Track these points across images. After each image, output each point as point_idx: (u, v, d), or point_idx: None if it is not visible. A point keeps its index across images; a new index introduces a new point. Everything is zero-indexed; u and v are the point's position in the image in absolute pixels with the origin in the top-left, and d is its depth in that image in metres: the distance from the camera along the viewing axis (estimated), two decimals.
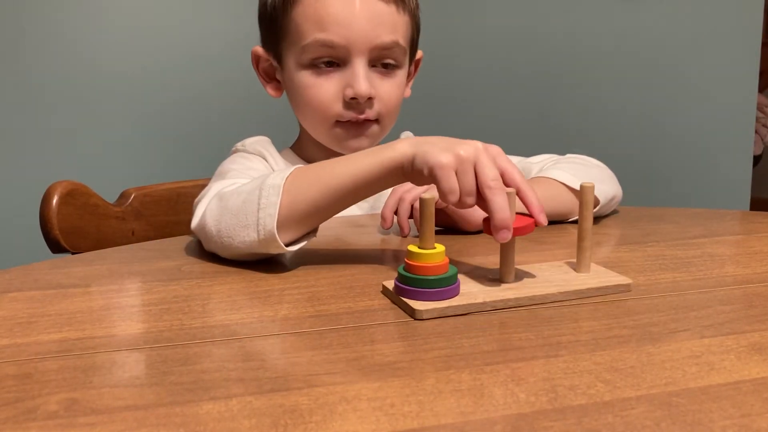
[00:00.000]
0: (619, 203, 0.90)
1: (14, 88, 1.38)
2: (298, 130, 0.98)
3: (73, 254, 0.83)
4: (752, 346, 0.46)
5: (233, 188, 0.68)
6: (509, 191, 0.56)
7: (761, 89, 2.17)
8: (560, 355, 0.45)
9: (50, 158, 1.41)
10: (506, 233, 0.55)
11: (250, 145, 0.91)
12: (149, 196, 0.96)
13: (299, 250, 0.66)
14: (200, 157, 1.41)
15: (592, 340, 0.47)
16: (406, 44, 0.89)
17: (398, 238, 0.77)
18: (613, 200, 0.87)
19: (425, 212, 0.54)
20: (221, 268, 0.66)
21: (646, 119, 1.81)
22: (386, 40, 0.85)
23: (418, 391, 0.40)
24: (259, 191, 0.63)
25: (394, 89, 0.89)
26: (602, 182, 0.84)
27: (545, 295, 0.55)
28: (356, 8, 0.83)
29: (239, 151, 0.92)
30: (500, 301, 0.54)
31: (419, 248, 0.54)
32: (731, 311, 0.53)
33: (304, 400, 0.39)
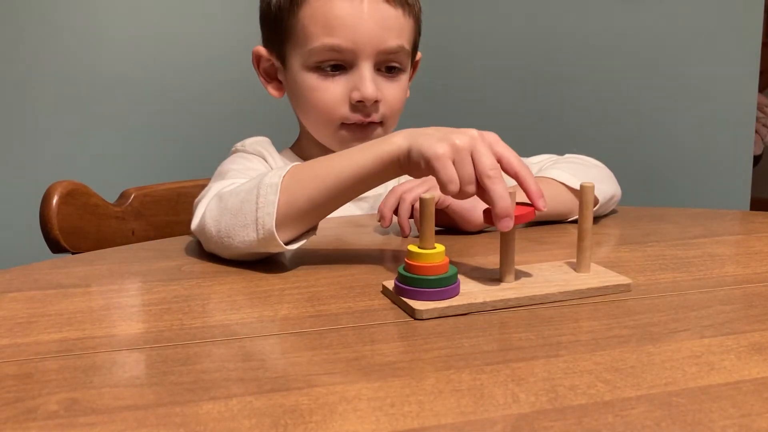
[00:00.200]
0: (618, 203, 0.90)
1: (14, 88, 1.38)
2: (297, 130, 0.98)
3: (73, 254, 0.83)
4: (752, 346, 0.46)
5: (232, 188, 0.68)
6: (510, 192, 0.56)
7: (761, 89, 2.17)
8: (560, 355, 0.45)
9: (50, 158, 1.41)
10: (508, 221, 0.55)
11: (249, 145, 0.91)
12: (149, 196, 0.97)
13: (299, 249, 0.66)
14: (200, 157, 1.40)
15: (592, 340, 0.47)
16: (409, 48, 0.89)
17: (398, 238, 0.77)
18: (612, 200, 0.87)
19: (425, 212, 0.54)
20: (221, 268, 0.66)
21: (646, 119, 1.81)
22: (392, 44, 0.85)
23: (418, 391, 0.40)
24: (257, 190, 0.63)
25: (398, 92, 0.89)
26: (601, 182, 0.84)
27: (545, 295, 0.55)
28: (364, 12, 0.83)
29: (239, 151, 0.92)
30: (500, 301, 0.54)
31: (419, 248, 0.54)
32: (731, 311, 0.53)
33: (304, 400, 0.39)
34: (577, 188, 0.66)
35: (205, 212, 0.68)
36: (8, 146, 1.39)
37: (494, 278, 0.58)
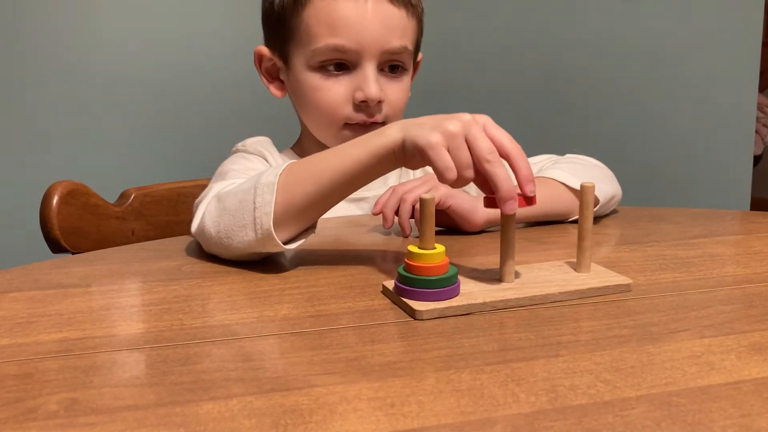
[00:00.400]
0: (618, 203, 0.90)
1: (14, 88, 1.38)
2: (299, 130, 0.98)
3: (73, 254, 0.83)
4: (752, 346, 0.46)
5: (230, 189, 0.68)
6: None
7: (761, 89, 2.17)
8: (560, 355, 0.45)
9: (50, 158, 1.41)
10: (513, 203, 0.55)
11: (250, 145, 0.91)
12: (149, 196, 0.97)
13: (299, 249, 0.66)
14: (200, 157, 1.41)
15: (592, 340, 0.47)
16: (412, 48, 0.89)
17: (398, 238, 0.78)
18: (612, 200, 0.87)
19: (425, 212, 0.54)
20: (221, 268, 0.66)
21: (646, 119, 1.81)
22: (396, 45, 0.86)
23: (418, 391, 0.40)
24: (254, 190, 0.63)
25: (401, 93, 0.89)
26: (602, 182, 0.84)
27: (545, 295, 0.55)
28: (368, 12, 0.83)
29: (239, 151, 0.92)
30: (500, 301, 0.54)
31: (419, 248, 0.54)
32: (731, 311, 0.53)
33: (304, 400, 0.39)
34: (577, 188, 0.66)
35: (204, 213, 0.68)
36: (8, 146, 1.39)
37: (494, 278, 0.58)
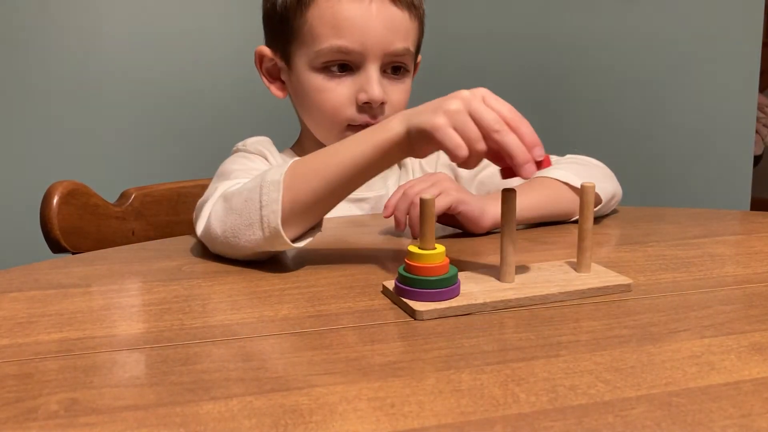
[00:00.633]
0: (619, 202, 0.91)
1: (15, 87, 1.38)
2: (298, 130, 0.98)
3: (73, 254, 0.83)
4: (752, 346, 0.46)
5: (236, 188, 0.68)
6: (509, 192, 0.56)
7: (762, 89, 2.17)
8: (560, 355, 0.45)
9: (50, 158, 1.41)
10: (531, 166, 0.55)
11: (251, 144, 0.91)
12: (150, 196, 0.97)
13: (299, 250, 0.66)
14: (201, 157, 1.41)
15: (592, 340, 0.47)
16: (414, 50, 0.89)
17: (398, 238, 0.77)
18: (613, 199, 0.87)
19: (425, 213, 0.54)
20: (222, 268, 0.66)
21: (646, 119, 1.81)
22: (399, 46, 0.86)
23: (418, 391, 0.40)
24: (259, 189, 0.63)
25: (403, 95, 0.90)
26: (603, 181, 0.84)
27: (545, 295, 0.55)
28: (372, 14, 0.83)
29: (240, 150, 0.91)
30: (500, 301, 0.54)
31: (419, 248, 0.54)
32: (731, 311, 0.53)
33: (304, 400, 0.39)
34: (579, 188, 0.66)
35: (210, 213, 0.68)
36: (8, 146, 1.39)
37: (494, 278, 0.58)
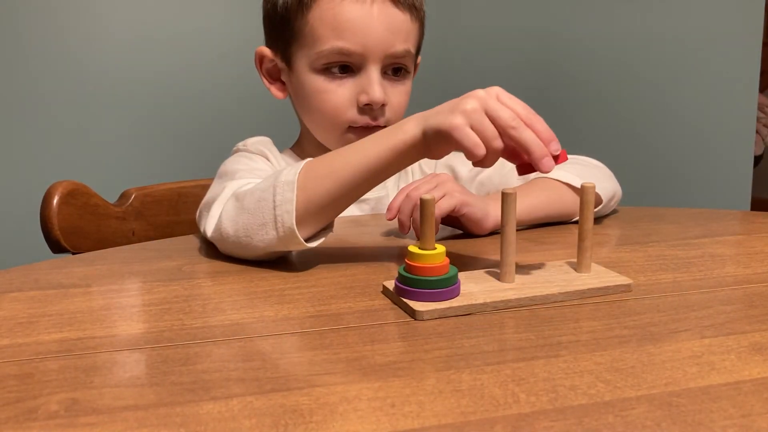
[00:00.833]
0: (619, 202, 0.91)
1: (15, 88, 1.38)
2: (298, 131, 0.98)
3: (73, 254, 0.83)
4: (753, 346, 0.46)
5: (248, 188, 0.67)
6: (509, 191, 0.56)
7: (762, 89, 2.17)
8: (561, 355, 0.45)
9: (51, 158, 1.41)
10: (549, 160, 0.56)
11: (251, 144, 0.91)
12: (150, 196, 0.97)
13: (299, 249, 0.66)
14: (201, 157, 1.41)
15: (592, 340, 0.47)
16: (414, 51, 0.89)
17: (398, 238, 0.77)
18: (613, 199, 0.87)
19: (425, 213, 0.54)
20: (222, 268, 0.66)
21: (646, 119, 1.81)
22: (400, 48, 0.86)
23: (418, 391, 0.40)
24: (273, 189, 0.63)
25: (403, 97, 0.90)
26: (603, 181, 0.84)
27: (546, 295, 0.55)
28: (374, 16, 0.84)
29: (241, 150, 0.91)
30: (501, 301, 0.54)
31: (420, 249, 0.54)
32: (732, 311, 0.53)
33: (304, 400, 0.39)
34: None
35: (221, 213, 0.68)
36: (8, 146, 1.39)
37: (494, 278, 0.58)
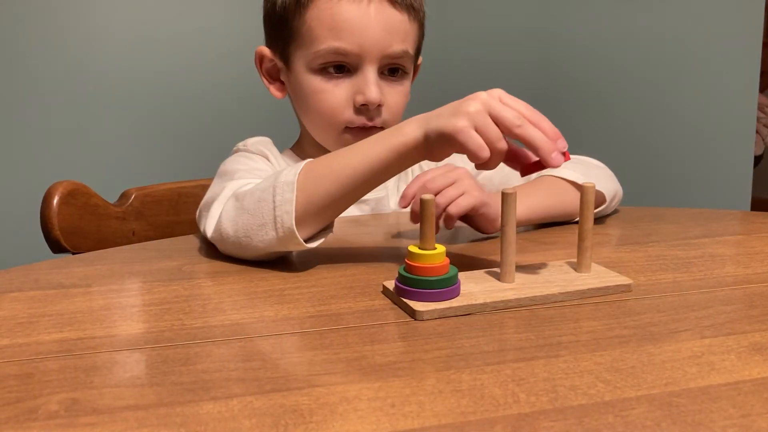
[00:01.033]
0: (620, 202, 0.91)
1: (15, 88, 1.38)
2: (298, 131, 0.98)
3: (73, 254, 0.83)
4: (753, 346, 0.46)
5: (248, 188, 0.67)
6: (509, 191, 0.56)
7: (762, 89, 2.17)
8: (561, 355, 0.45)
9: (51, 158, 1.41)
10: (558, 155, 0.56)
11: (251, 144, 0.91)
12: (150, 196, 0.97)
13: (300, 249, 0.66)
14: (201, 157, 1.41)
15: (592, 340, 0.47)
16: (413, 52, 0.89)
17: (399, 238, 0.77)
18: (615, 198, 0.87)
19: (425, 212, 0.54)
20: (222, 268, 0.66)
21: (646, 119, 1.81)
22: (397, 49, 0.86)
23: (418, 391, 0.40)
24: (272, 189, 0.63)
25: (401, 97, 0.89)
26: (605, 181, 0.84)
27: (546, 295, 0.55)
28: (371, 16, 0.83)
29: (241, 150, 0.91)
30: (501, 301, 0.54)
31: (420, 249, 0.54)
32: (732, 311, 0.53)
33: (304, 400, 0.39)
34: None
35: (221, 213, 0.68)
36: (8, 146, 1.39)
37: (494, 279, 0.58)
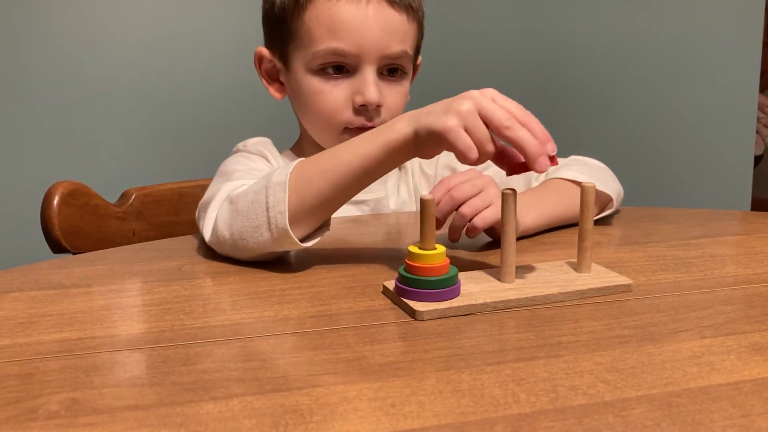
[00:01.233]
0: (621, 202, 0.91)
1: (15, 88, 1.38)
2: (298, 131, 0.98)
3: (74, 254, 0.83)
4: (753, 346, 0.46)
5: (241, 190, 0.68)
6: (509, 192, 0.56)
7: (762, 89, 2.17)
8: (561, 355, 0.45)
9: (51, 158, 1.41)
10: (545, 159, 0.55)
11: (251, 145, 0.91)
12: (150, 196, 0.97)
13: (300, 250, 0.66)
14: (201, 157, 1.40)
15: (592, 340, 0.47)
16: (412, 52, 0.89)
17: (399, 238, 0.77)
18: (618, 199, 0.87)
19: (425, 213, 0.54)
20: (222, 268, 0.66)
21: (646, 120, 1.81)
22: (396, 49, 0.85)
23: (418, 391, 0.40)
24: (265, 190, 0.63)
25: (400, 98, 0.89)
26: (609, 181, 0.85)
27: (546, 295, 0.55)
28: (369, 17, 0.83)
29: (241, 151, 0.91)
30: (501, 301, 0.54)
31: (420, 249, 0.54)
32: (732, 311, 0.53)
33: (304, 400, 0.39)
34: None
35: (216, 217, 0.68)
36: (9, 146, 1.39)
37: (495, 279, 0.58)
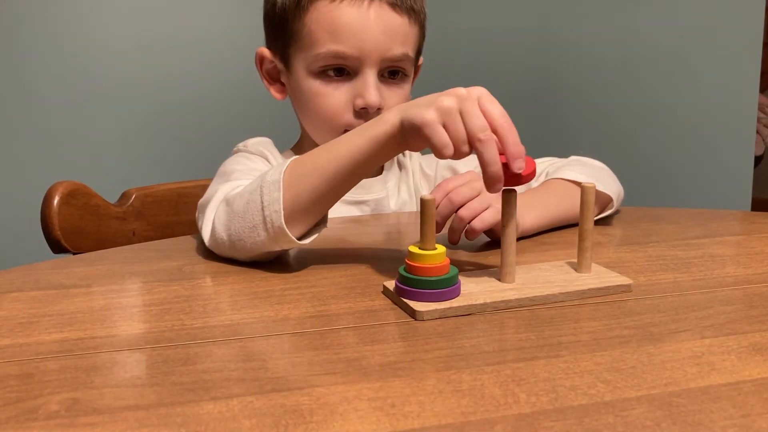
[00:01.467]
0: (621, 202, 0.91)
1: (15, 88, 1.38)
2: (298, 132, 0.98)
3: (74, 254, 0.83)
4: (753, 346, 0.46)
5: (237, 191, 0.68)
6: (509, 192, 0.56)
7: (762, 90, 2.17)
8: (561, 355, 0.45)
9: (51, 158, 1.41)
10: (498, 186, 0.55)
11: (252, 145, 0.91)
12: (150, 196, 0.97)
13: (300, 250, 0.66)
14: (201, 157, 1.41)
15: (592, 340, 0.47)
16: (413, 54, 0.89)
17: (399, 238, 0.77)
18: (618, 198, 0.87)
19: (425, 213, 0.54)
20: (222, 268, 0.66)
21: (646, 120, 1.81)
22: (397, 52, 0.85)
23: (418, 391, 0.40)
24: (260, 190, 0.63)
25: (401, 100, 0.89)
26: (610, 182, 0.85)
27: (546, 295, 0.55)
28: (370, 19, 0.83)
29: (241, 151, 0.91)
30: (501, 301, 0.54)
31: (420, 249, 0.54)
32: (732, 311, 0.53)
33: (304, 400, 0.39)
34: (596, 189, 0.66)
35: (214, 219, 0.68)
36: (9, 146, 1.39)
37: (495, 279, 0.58)
